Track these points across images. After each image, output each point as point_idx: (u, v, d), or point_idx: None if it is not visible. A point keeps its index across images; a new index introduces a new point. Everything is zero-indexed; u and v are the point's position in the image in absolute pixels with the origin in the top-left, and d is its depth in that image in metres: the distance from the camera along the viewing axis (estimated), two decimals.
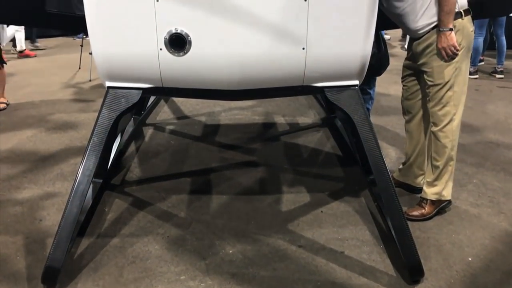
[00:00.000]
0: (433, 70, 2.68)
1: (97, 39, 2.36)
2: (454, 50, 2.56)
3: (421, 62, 2.74)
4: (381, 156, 2.50)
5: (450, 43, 2.54)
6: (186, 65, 2.35)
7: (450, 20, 2.52)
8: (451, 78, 2.65)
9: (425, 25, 2.61)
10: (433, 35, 2.60)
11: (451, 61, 2.61)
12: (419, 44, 2.70)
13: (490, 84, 6.40)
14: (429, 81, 2.72)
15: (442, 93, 2.68)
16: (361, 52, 2.41)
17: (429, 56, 2.67)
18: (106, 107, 2.46)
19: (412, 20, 2.64)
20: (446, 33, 2.53)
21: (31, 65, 7.64)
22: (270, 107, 5.17)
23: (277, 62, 2.36)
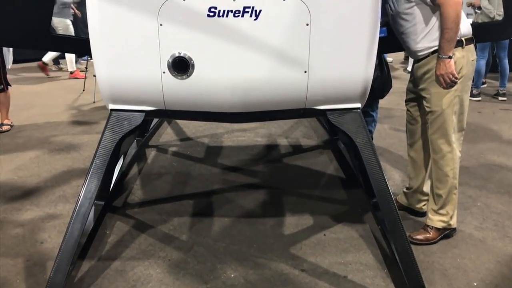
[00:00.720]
0: (431, 96, 2.67)
1: (101, 62, 2.38)
2: (452, 78, 2.54)
3: (421, 87, 2.75)
4: (384, 179, 2.49)
5: (448, 71, 2.52)
6: (189, 88, 2.36)
7: (450, 47, 2.51)
8: (449, 107, 2.62)
9: (425, 48, 2.62)
10: (432, 60, 2.60)
11: (450, 88, 2.60)
12: (419, 68, 2.71)
13: (493, 106, 6.40)
14: (427, 107, 2.72)
15: (440, 120, 2.66)
16: (363, 75, 2.42)
17: (428, 82, 2.67)
18: (109, 129, 2.47)
19: (413, 40, 2.65)
20: (445, 60, 2.52)
21: (36, 87, 7.71)
22: (273, 129, 5.18)
23: (279, 85, 2.38)
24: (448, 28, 2.46)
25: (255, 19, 2.24)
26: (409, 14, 2.61)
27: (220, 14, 2.22)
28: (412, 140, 3.04)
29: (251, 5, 2.21)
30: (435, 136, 2.72)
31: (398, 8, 2.65)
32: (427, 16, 2.57)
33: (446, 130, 2.67)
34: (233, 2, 2.21)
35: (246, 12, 2.22)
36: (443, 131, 2.68)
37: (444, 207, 2.79)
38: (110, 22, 2.28)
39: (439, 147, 2.72)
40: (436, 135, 2.72)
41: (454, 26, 2.46)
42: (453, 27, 2.46)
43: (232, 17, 2.23)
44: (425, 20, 2.58)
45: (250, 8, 2.22)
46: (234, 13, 2.22)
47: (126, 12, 2.24)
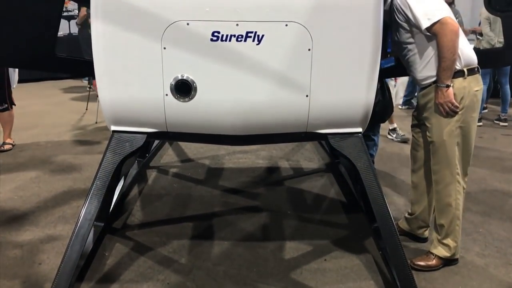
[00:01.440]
0: (432, 126, 2.66)
1: (104, 84, 2.40)
2: (451, 107, 2.53)
3: (423, 116, 2.74)
4: (385, 204, 2.48)
5: (446, 100, 2.51)
6: (191, 110, 2.37)
7: (447, 76, 2.49)
8: (450, 138, 2.60)
9: (427, 77, 2.62)
10: (434, 90, 2.60)
11: (450, 118, 2.58)
12: (422, 97, 2.71)
13: (494, 131, 6.41)
14: (428, 137, 2.71)
15: (441, 152, 2.65)
16: (364, 100, 2.43)
17: (429, 111, 2.66)
18: (111, 151, 2.47)
19: (415, 69, 2.66)
20: (442, 89, 2.51)
21: (39, 106, 7.75)
22: (274, 151, 5.18)
23: (281, 108, 2.39)
24: (444, 57, 2.45)
25: (257, 43, 2.26)
26: (410, 44, 2.63)
27: (223, 38, 2.25)
28: (415, 166, 3.02)
29: (254, 30, 2.24)
30: (437, 167, 2.71)
31: (400, 37, 2.68)
32: (426, 45, 2.58)
33: (448, 161, 2.65)
34: (236, 27, 2.23)
35: (249, 36, 2.25)
36: (445, 162, 2.66)
37: (447, 237, 2.76)
38: (114, 44, 2.31)
39: (441, 178, 2.70)
40: (437, 166, 2.70)
41: (450, 55, 2.45)
42: (449, 56, 2.45)
43: (235, 41, 2.25)
44: (425, 50, 2.59)
45: (253, 33, 2.25)
46: (237, 37, 2.25)
47: (130, 35, 2.27)
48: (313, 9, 2.24)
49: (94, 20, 2.29)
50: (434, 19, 2.44)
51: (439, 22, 2.44)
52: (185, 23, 2.23)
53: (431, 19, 2.45)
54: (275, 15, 2.24)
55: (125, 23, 2.26)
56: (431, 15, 2.46)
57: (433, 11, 2.47)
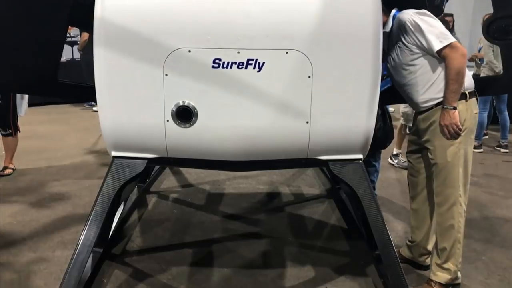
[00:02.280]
0: (435, 148, 2.67)
1: (106, 110, 2.42)
2: (456, 129, 2.55)
3: (425, 139, 2.75)
4: (387, 231, 2.46)
5: (453, 121, 2.54)
6: (192, 136, 2.39)
7: (455, 99, 2.54)
8: (454, 159, 2.62)
9: (429, 99, 2.65)
10: (437, 112, 2.62)
11: (454, 140, 2.60)
12: (423, 120, 2.73)
13: (495, 158, 6.40)
14: (432, 160, 2.71)
15: (445, 173, 2.65)
16: (365, 126, 2.44)
17: (432, 134, 2.68)
18: (111, 176, 2.47)
19: (417, 91, 2.68)
20: (449, 111, 2.54)
21: (41, 130, 7.77)
22: (275, 177, 5.17)
23: (281, 135, 2.40)
24: (453, 79, 2.51)
25: (258, 71, 2.29)
26: (413, 66, 2.66)
27: (224, 65, 2.28)
28: (414, 192, 3.01)
29: (255, 58, 2.27)
30: (440, 188, 2.70)
31: (402, 59, 2.70)
32: (431, 67, 2.62)
33: (452, 182, 2.65)
34: (237, 54, 2.26)
35: (249, 64, 2.28)
36: (449, 184, 2.66)
37: (448, 261, 2.73)
38: (116, 71, 2.34)
39: (444, 199, 2.69)
40: (441, 188, 2.70)
41: (459, 78, 2.51)
42: (459, 78, 2.51)
43: (236, 68, 2.28)
44: (429, 72, 2.62)
45: (254, 61, 2.27)
46: (238, 64, 2.28)
47: (132, 62, 2.30)
48: (313, 37, 2.28)
49: (97, 46, 2.33)
50: (445, 42, 2.51)
51: (450, 45, 2.51)
52: (187, 50, 2.26)
53: (443, 42, 2.51)
54: (276, 43, 2.27)
55: (128, 50, 2.29)
56: (442, 38, 2.53)
57: (444, 34, 2.55)
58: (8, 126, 5.16)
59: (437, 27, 2.58)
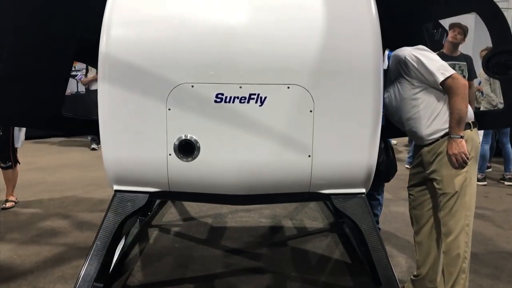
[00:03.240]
0: (443, 178, 2.68)
1: (109, 143, 2.43)
2: (464, 158, 2.58)
3: (430, 170, 2.76)
4: (391, 266, 2.43)
5: (461, 150, 2.58)
6: (194, 170, 2.39)
7: (461, 127, 2.59)
8: (462, 188, 2.64)
9: (436, 131, 2.67)
10: (443, 143, 2.65)
11: (461, 169, 2.62)
12: (429, 153, 2.74)
13: (500, 191, 6.36)
14: (439, 190, 2.71)
15: (453, 202, 2.66)
16: (367, 160, 2.44)
17: (439, 164, 2.69)
18: (112, 210, 2.46)
19: (423, 125, 2.69)
20: (457, 140, 2.58)
21: (44, 163, 7.80)
22: (278, 210, 5.13)
23: (283, 169, 2.40)
24: (458, 108, 2.55)
25: (260, 105, 2.31)
26: (416, 99, 2.69)
27: (226, 100, 2.30)
28: (418, 226, 2.99)
29: (257, 92, 2.29)
30: (447, 218, 2.69)
31: (404, 94, 2.73)
32: (434, 100, 2.66)
33: (459, 212, 2.65)
34: (240, 89, 2.29)
35: (251, 98, 2.30)
36: (456, 213, 2.66)
37: None
38: (120, 105, 2.36)
39: (451, 229, 2.68)
40: (448, 217, 2.69)
41: (464, 107, 2.56)
42: (463, 107, 2.56)
43: (238, 103, 2.30)
44: (433, 104, 2.66)
45: (256, 95, 2.30)
46: (240, 99, 2.30)
47: (136, 96, 2.33)
48: (314, 72, 2.30)
49: (101, 80, 2.36)
50: (447, 74, 2.58)
51: (451, 77, 2.57)
52: (190, 85, 2.29)
53: (445, 73, 2.58)
54: (277, 78, 2.30)
55: (132, 84, 2.32)
56: (443, 70, 2.60)
57: (444, 66, 2.63)
58: (8, 158, 5.18)
59: (437, 60, 2.66)
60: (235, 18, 2.31)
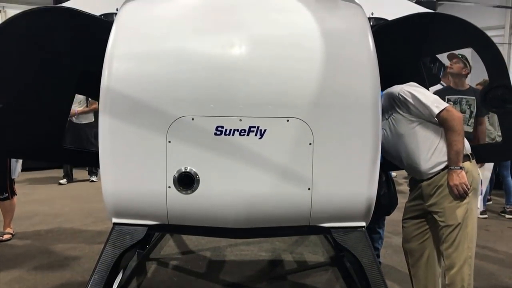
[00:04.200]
0: (444, 210, 2.68)
1: (108, 176, 2.42)
2: (465, 188, 2.59)
3: (431, 203, 2.75)
4: None
5: (462, 181, 2.60)
6: (193, 203, 2.38)
7: (460, 159, 2.61)
8: (463, 219, 2.64)
9: (436, 164, 2.68)
10: (444, 175, 2.66)
11: (462, 200, 2.63)
12: (429, 186, 2.74)
13: (501, 224, 6.30)
14: (441, 222, 2.71)
15: (455, 234, 2.66)
16: (367, 193, 2.44)
17: (440, 197, 2.69)
18: (111, 244, 2.44)
19: (422, 159, 2.71)
20: (457, 171, 2.60)
21: (42, 194, 7.76)
22: (277, 243, 5.07)
23: (283, 202, 2.39)
24: (455, 140, 2.59)
25: (260, 138, 2.32)
26: (414, 134, 2.71)
27: (226, 133, 2.31)
28: (413, 258, 2.98)
29: (256, 125, 2.31)
30: (450, 250, 2.68)
31: (400, 130, 2.75)
32: (432, 133, 2.69)
33: (462, 243, 2.65)
34: (240, 122, 2.30)
35: (251, 131, 2.31)
36: (459, 245, 2.66)
37: None
38: (120, 137, 2.37)
39: (455, 262, 2.67)
40: (451, 250, 2.68)
41: (460, 138, 2.60)
42: (460, 139, 2.60)
43: (238, 135, 2.31)
44: (431, 137, 2.68)
45: (256, 128, 2.31)
46: (240, 132, 2.31)
47: (137, 129, 2.34)
48: (314, 105, 2.33)
49: (102, 113, 2.37)
50: (441, 107, 2.63)
51: (446, 109, 2.62)
52: (190, 118, 2.31)
53: (439, 106, 2.63)
54: (277, 111, 2.32)
55: (133, 117, 2.34)
56: (438, 103, 2.66)
57: (438, 100, 2.69)
58: (5, 189, 5.16)
59: (430, 95, 2.75)
60: (235, 53, 2.35)
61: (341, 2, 2.60)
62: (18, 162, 5.37)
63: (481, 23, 8.78)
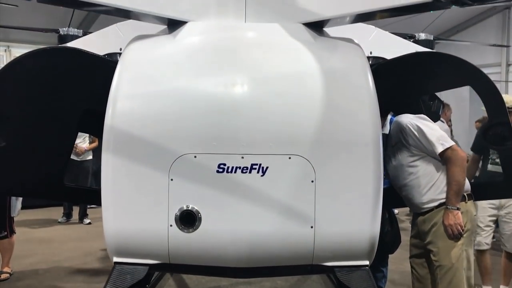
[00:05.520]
0: (439, 250, 2.65)
1: (110, 214, 2.42)
2: (460, 229, 2.57)
3: (427, 241, 2.74)
4: None
5: (457, 222, 2.57)
6: (195, 242, 2.36)
7: (458, 199, 2.59)
8: (459, 261, 2.60)
9: (430, 201, 2.67)
10: (439, 213, 2.64)
11: (457, 241, 2.60)
12: (425, 222, 2.73)
13: None
14: (435, 261, 2.68)
15: (450, 275, 2.61)
16: (370, 231, 2.42)
17: (435, 235, 2.67)
18: (111, 283, 2.40)
19: (418, 192, 2.70)
20: (453, 211, 2.57)
21: (41, 233, 7.68)
22: (279, 282, 4.99)
23: (285, 241, 2.37)
24: (456, 180, 2.57)
25: (262, 175, 2.32)
26: (414, 167, 2.71)
27: (228, 170, 2.32)
28: None
29: (259, 163, 2.32)
30: None
31: (402, 160, 2.76)
32: (432, 169, 2.68)
33: (457, 285, 2.59)
34: (241, 159, 2.31)
35: (253, 168, 2.32)
36: (454, 287, 2.58)
37: None
38: (123, 175, 2.38)
39: None
40: None
41: (462, 179, 2.59)
42: (461, 180, 2.58)
43: (240, 173, 2.32)
44: (430, 173, 2.68)
45: (258, 165, 2.32)
46: (242, 169, 2.32)
47: (140, 167, 2.35)
48: (315, 143, 2.34)
49: (105, 151, 2.39)
50: (446, 145, 2.62)
51: (451, 148, 2.61)
52: (193, 156, 2.32)
53: (444, 144, 2.61)
54: (279, 149, 2.33)
55: (135, 155, 2.35)
56: (443, 141, 2.64)
57: (444, 137, 2.68)
58: (4, 228, 5.12)
59: (437, 130, 2.71)
60: (236, 92, 2.39)
61: (341, 42, 2.66)
62: (18, 200, 5.35)
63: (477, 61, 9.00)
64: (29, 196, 5.08)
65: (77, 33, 7.76)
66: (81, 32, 7.83)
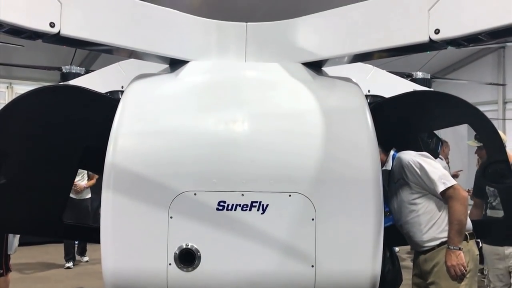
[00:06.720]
0: None
1: (109, 252, 2.39)
2: (462, 270, 2.53)
3: (430, 281, 2.70)
4: None
5: (460, 262, 2.53)
6: (194, 281, 2.33)
7: (460, 239, 2.56)
8: None
9: (432, 239, 2.65)
10: (440, 252, 2.61)
11: (460, 282, 2.56)
12: (427, 261, 2.70)
13: None
14: None
15: None
16: (371, 270, 2.39)
17: (438, 276, 2.63)
18: None
19: (419, 230, 2.68)
20: (456, 251, 2.54)
21: (37, 270, 7.57)
22: None
23: (286, 280, 2.34)
24: (457, 219, 2.55)
25: (262, 213, 2.32)
26: (415, 204, 2.70)
27: (228, 208, 2.31)
28: None
29: (259, 200, 2.31)
30: None
31: (403, 197, 2.75)
32: (434, 207, 2.67)
33: None
34: (242, 196, 2.31)
35: (253, 206, 2.32)
36: None
37: None
38: (122, 213, 2.37)
39: None
40: None
41: (463, 219, 2.57)
42: (463, 219, 2.57)
43: (240, 210, 2.31)
44: (431, 211, 2.67)
45: (258, 203, 2.32)
46: (242, 207, 2.31)
47: (139, 205, 2.34)
48: (315, 180, 2.35)
49: (105, 188, 2.38)
50: (448, 184, 2.60)
51: (452, 187, 2.60)
52: (193, 193, 2.32)
53: (446, 183, 2.60)
54: (279, 186, 2.33)
55: (135, 193, 2.35)
56: (445, 180, 2.63)
57: (446, 176, 2.67)
58: (0, 266, 5.03)
59: (439, 168, 2.71)
60: (236, 129, 2.42)
61: (339, 80, 2.70)
62: (16, 237, 5.29)
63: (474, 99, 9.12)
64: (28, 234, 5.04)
65: (79, 71, 7.85)
66: (84, 70, 7.93)
